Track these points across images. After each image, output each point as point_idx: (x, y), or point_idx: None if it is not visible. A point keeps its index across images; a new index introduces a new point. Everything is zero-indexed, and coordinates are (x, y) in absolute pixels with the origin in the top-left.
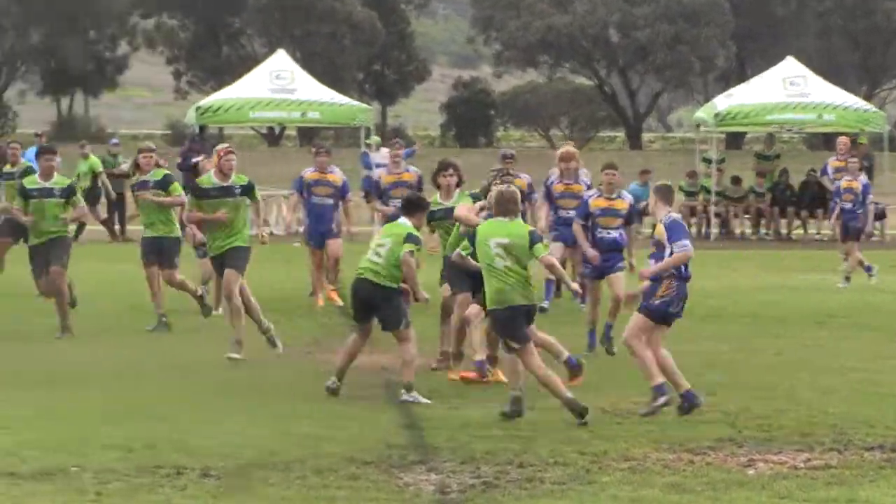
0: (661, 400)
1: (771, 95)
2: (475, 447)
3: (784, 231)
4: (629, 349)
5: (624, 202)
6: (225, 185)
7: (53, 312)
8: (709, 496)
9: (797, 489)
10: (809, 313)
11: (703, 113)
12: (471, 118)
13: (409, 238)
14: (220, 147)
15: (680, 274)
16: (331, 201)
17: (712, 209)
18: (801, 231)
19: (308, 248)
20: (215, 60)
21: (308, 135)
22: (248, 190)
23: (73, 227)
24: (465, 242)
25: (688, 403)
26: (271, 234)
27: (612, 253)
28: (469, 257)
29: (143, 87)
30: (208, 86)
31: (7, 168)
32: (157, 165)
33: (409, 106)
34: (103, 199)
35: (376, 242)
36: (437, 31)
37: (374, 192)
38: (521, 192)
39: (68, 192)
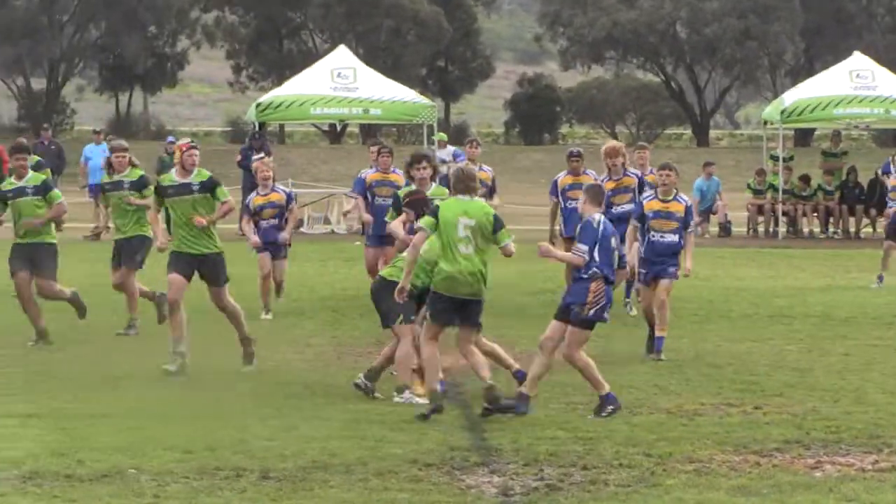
0: (611, 409)
1: (837, 89)
2: (538, 449)
3: (852, 230)
4: (570, 362)
5: (680, 205)
6: (184, 181)
7: (113, 312)
8: (775, 499)
9: (864, 492)
10: (878, 314)
11: (770, 109)
12: (535, 115)
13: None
14: (181, 142)
15: (606, 277)
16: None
17: (780, 208)
18: (869, 230)
19: (365, 249)
20: (276, 56)
21: (370, 132)
22: (208, 187)
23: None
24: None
25: (522, 408)
26: (332, 232)
27: (666, 258)
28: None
29: (202, 84)
30: (268, 81)
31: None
32: (132, 165)
33: (473, 103)
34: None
35: None
36: (501, 26)
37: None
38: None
39: (43, 190)
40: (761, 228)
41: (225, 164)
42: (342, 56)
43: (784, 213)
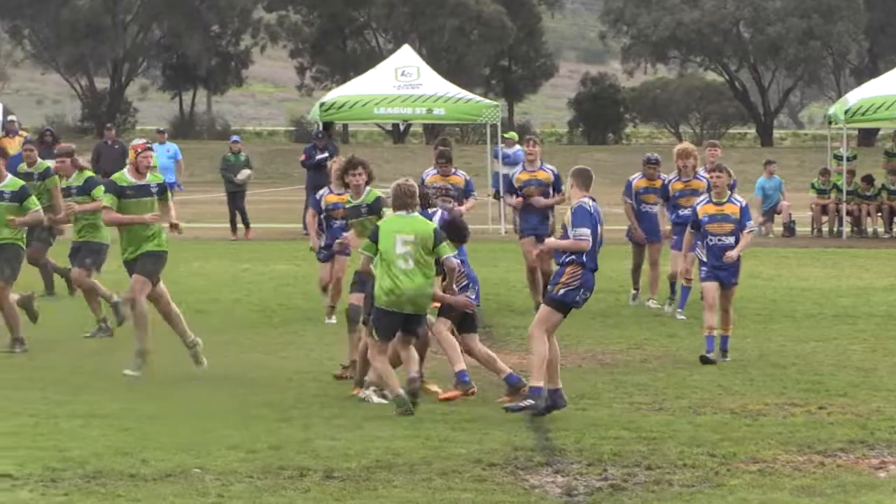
0: (528, 403)
1: None
2: (602, 449)
3: None
4: (529, 339)
5: (735, 206)
6: (141, 183)
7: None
8: (839, 499)
9: None
10: None
11: (834, 109)
12: (599, 115)
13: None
14: (135, 143)
15: (583, 262)
16: (452, 205)
17: (844, 207)
18: None
19: None
20: (340, 55)
21: (434, 132)
22: (163, 189)
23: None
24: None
25: (551, 405)
26: None
27: (728, 263)
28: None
29: (266, 83)
30: (332, 81)
31: (24, 168)
32: (79, 168)
33: (537, 102)
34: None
35: None
36: (565, 26)
37: (507, 189)
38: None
39: (20, 196)
40: (825, 228)
41: (289, 163)
42: (406, 55)
43: (848, 213)
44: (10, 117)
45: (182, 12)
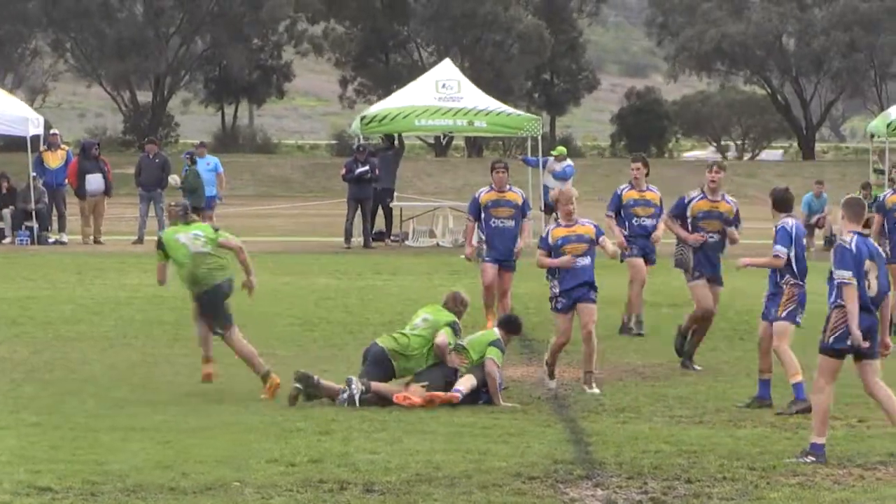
0: (809, 460)
1: None
2: (642, 462)
3: None
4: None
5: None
6: None
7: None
8: None
9: None
10: None
11: (877, 122)
12: (643, 128)
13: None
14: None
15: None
16: (512, 223)
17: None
18: None
19: (481, 267)
20: (382, 69)
21: (475, 145)
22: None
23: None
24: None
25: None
26: (437, 245)
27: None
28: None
29: (309, 97)
30: (375, 95)
31: None
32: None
33: (579, 116)
34: None
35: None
36: (607, 39)
37: (674, 214)
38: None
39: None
40: None
41: (330, 177)
42: (446, 69)
43: None
44: (52, 131)
45: (224, 25)
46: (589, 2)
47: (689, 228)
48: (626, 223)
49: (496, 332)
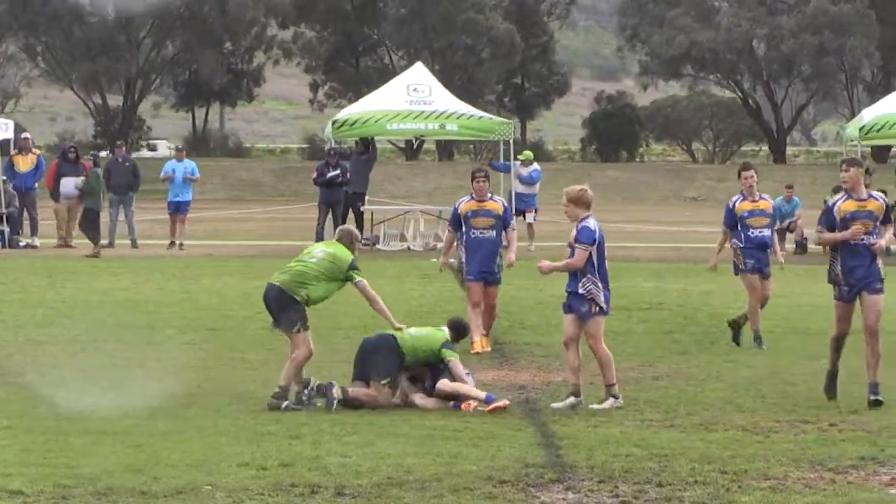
0: None
1: None
2: (613, 466)
3: None
4: None
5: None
6: None
7: (180, 331)
8: None
9: None
10: None
11: (849, 126)
12: (614, 132)
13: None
14: None
15: None
16: (492, 233)
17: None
18: None
19: (466, 285)
20: (352, 73)
21: (446, 149)
22: None
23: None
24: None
25: None
26: (408, 249)
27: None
28: None
29: (279, 101)
30: (346, 98)
31: None
32: None
33: (550, 119)
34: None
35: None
36: (578, 43)
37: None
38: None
39: None
40: None
41: (301, 181)
42: (417, 73)
43: None
44: (23, 135)
45: (195, 29)
46: (559, 5)
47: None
48: (742, 235)
49: (446, 332)
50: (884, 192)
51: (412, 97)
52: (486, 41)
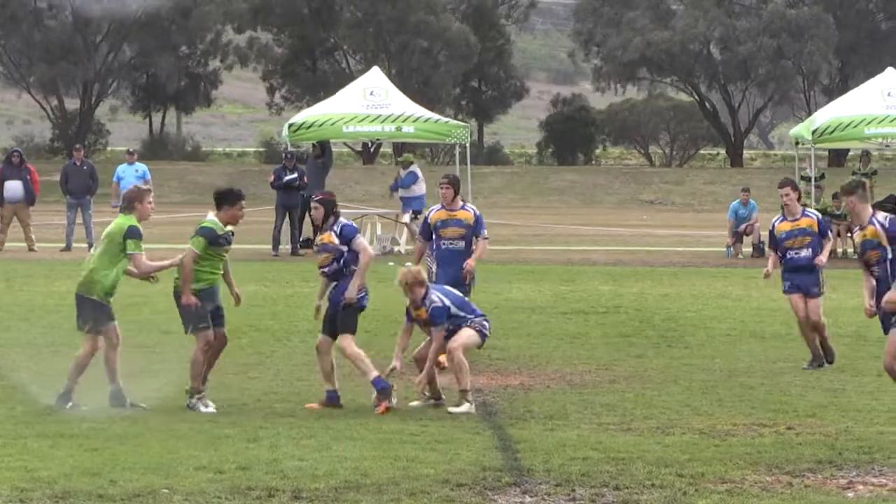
0: None
1: (868, 108)
2: (571, 469)
3: None
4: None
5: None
6: None
7: (140, 332)
8: None
9: None
10: None
11: (801, 129)
12: (570, 136)
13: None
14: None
15: None
16: (462, 244)
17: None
18: None
19: None
20: (310, 77)
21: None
22: None
23: None
24: None
25: None
26: None
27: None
28: None
29: (237, 104)
30: (303, 102)
31: None
32: None
33: (507, 123)
34: None
35: None
36: (535, 46)
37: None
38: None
39: None
40: None
41: (258, 184)
42: (374, 77)
43: None
44: None
45: (152, 33)
46: (517, 8)
47: None
48: (782, 256)
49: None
50: (838, 195)
51: (369, 101)
52: (442, 44)
